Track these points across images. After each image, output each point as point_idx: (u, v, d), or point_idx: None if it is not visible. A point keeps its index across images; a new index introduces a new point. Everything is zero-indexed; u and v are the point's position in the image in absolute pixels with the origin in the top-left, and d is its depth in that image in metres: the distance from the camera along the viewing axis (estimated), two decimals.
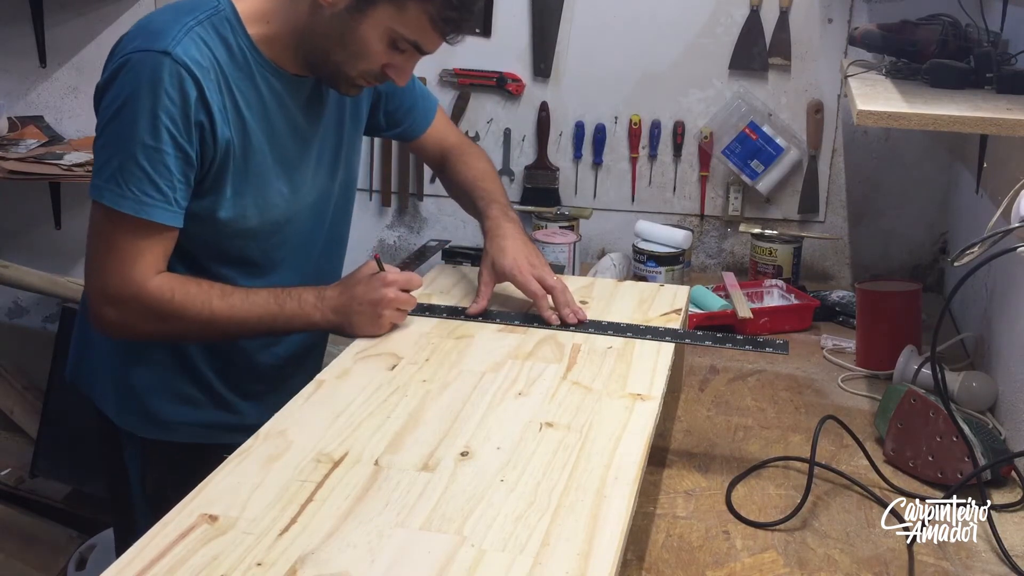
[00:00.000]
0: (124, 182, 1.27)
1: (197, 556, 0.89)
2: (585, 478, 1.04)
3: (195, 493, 0.99)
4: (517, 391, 1.25)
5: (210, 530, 0.93)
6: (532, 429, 1.15)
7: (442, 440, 1.11)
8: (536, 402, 1.22)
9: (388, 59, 1.35)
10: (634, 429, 1.15)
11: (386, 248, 2.57)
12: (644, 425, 1.16)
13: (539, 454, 1.09)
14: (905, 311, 1.79)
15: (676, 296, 1.59)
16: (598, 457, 1.09)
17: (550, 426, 1.15)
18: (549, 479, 1.04)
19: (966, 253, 1.27)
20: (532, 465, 1.07)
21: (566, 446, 1.11)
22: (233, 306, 1.36)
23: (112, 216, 1.29)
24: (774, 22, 2.25)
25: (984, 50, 1.60)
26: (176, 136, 1.27)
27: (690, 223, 2.40)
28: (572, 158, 2.43)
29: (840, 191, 2.35)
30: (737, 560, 1.18)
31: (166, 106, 1.26)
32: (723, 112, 2.33)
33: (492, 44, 2.38)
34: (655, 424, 1.19)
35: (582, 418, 1.18)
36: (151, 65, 1.26)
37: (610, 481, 1.04)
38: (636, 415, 1.19)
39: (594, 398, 1.23)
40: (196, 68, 1.28)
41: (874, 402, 1.61)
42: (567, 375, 1.29)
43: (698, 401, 1.63)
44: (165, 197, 1.29)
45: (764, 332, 1.93)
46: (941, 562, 1.18)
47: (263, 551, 0.90)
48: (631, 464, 1.07)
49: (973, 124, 1.34)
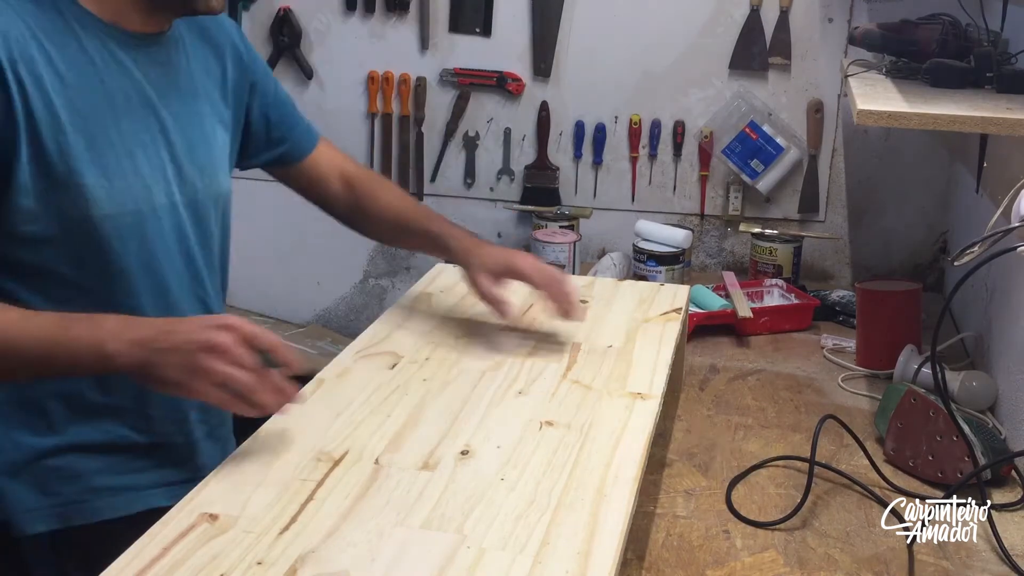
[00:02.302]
0: None
1: (197, 555, 0.89)
2: (585, 477, 1.04)
3: (195, 493, 0.99)
4: (517, 390, 1.24)
5: (210, 529, 0.93)
6: (532, 428, 1.15)
7: (442, 439, 1.11)
8: (536, 401, 1.22)
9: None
10: (634, 428, 1.15)
11: (386, 248, 2.57)
12: (644, 424, 1.16)
13: (539, 453, 1.09)
14: (905, 311, 1.79)
15: (676, 295, 1.60)
16: (598, 456, 1.09)
17: (550, 425, 1.15)
18: (549, 478, 1.04)
19: (966, 253, 1.27)
20: (532, 464, 1.07)
21: (566, 445, 1.11)
22: (4, 324, 1.02)
23: None
24: (774, 22, 2.25)
25: (984, 50, 1.60)
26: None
27: (690, 223, 2.40)
28: (572, 158, 2.43)
29: (840, 191, 2.35)
30: (737, 559, 1.18)
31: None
32: (723, 112, 2.33)
33: (492, 44, 2.38)
34: (655, 423, 1.19)
35: (582, 417, 1.18)
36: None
37: (610, 480, 1.03)
38: (636, 414, 1.19)
39: (594, 397, 1.23)
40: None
41: (874, 402, 1.61)
42: (567, 374, 1.29)
43: (698, 401, 1.63)
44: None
45: (764, 332, 1.93)
46: (941, 562, 1.18)
47: (263, 550, 0.90)
48: (631, 463, 1.07)
49: (973, 124, 1.34)
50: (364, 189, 1.47)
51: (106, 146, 1.11)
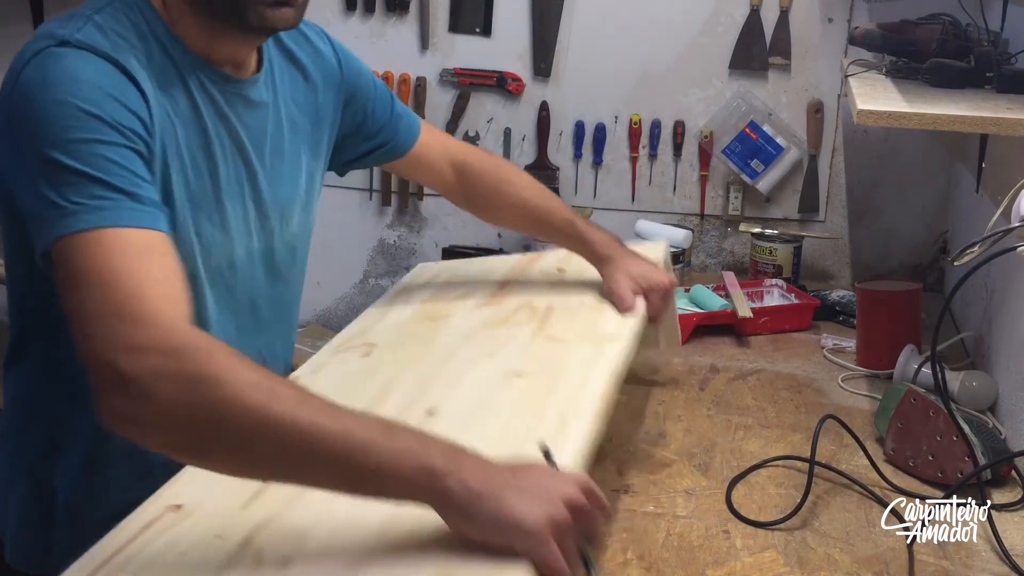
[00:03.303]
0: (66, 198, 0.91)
1: (159, 541, 0.87)
2: (551, 412, 1.05)
3: (163, 490, 0.96)
4: (489, 352, 1.24)
5: (174, 518, 0.91)
6: (501, 381, 1.15)
7: (411, 404, 1.11)
8: (507, 359, 1.21)
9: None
10: (603, 365, 1.16)
11: (386, 248, 2.57)
12: (611, 363, 1.17)
13: (507, 400, 1.09)
14: (905, 310, 1.79)
15: (655, 250, 1.60)
16: (565, 391, 1.09)
17: (519, 376, 1.15)
18: (517, 420, 1.04)
19: (966, 252, 1.27)
20: (500, 409, 1.07)
21: (534, 389, 1.11)
22: (339, 421, 0.84)
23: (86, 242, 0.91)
24: (774, 22, 2.25)
25: (984, 49, 1.60)
26: (108, 119, 0.95)
27: (690, 223, 2.40)
28: (572, 157, 2.43)
29: (840, 190, 2.35)
30: (737, 559, 1.18)
31: (83, 93, 0.95)
32: (723, 112, 2.33)
33: (492, 43, 2.38)
34: (626, 360, 1.18)
35: (552, 366, 1.18)
36: (47, 63, 0.96)
37: (574, 409, 1.05)
38: (605, 356, 1.19)
39: (564, 347, 1.23)
40: (108, 47, 0.99)
41: (874, 401, 1.60)
42: (540, 332, 1.29)
43: (698, 400, 1.63)
44: (132, 196, 0.94)
45: (764, 331, 1.93)
46: (941, 562, 1.18)
47: (222, 525, 0.88)
48: (596, 392, 1.08)
49: (973, 124, 1.34)
50: (480, 178, 1.45)
51: (202, 198, 1.09)
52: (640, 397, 1.62)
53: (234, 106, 1.13)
